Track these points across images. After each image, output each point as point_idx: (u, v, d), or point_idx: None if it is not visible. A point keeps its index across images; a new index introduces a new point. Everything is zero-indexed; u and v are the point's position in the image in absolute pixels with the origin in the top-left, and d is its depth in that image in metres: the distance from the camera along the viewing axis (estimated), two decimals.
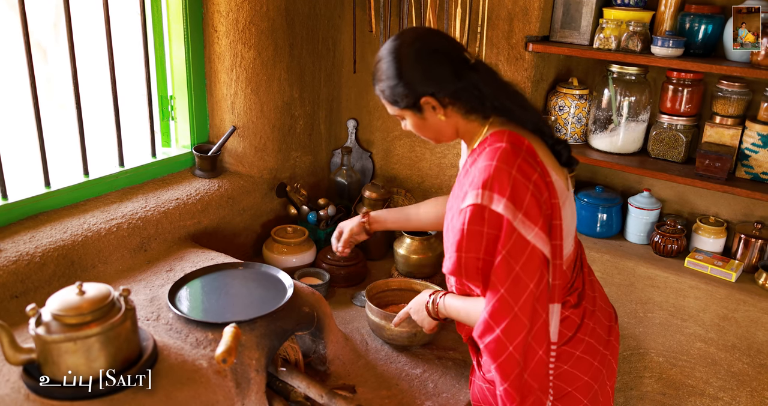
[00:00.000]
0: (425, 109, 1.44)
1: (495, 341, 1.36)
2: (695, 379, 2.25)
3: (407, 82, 1.40)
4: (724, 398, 2.21)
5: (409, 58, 1.40)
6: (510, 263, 1.33)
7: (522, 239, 1.33)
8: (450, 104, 1.43)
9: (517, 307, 1.34)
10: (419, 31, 1.47)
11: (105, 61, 2.07)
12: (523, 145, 1.40)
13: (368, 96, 2.70)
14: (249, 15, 2.24)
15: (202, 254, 2.04)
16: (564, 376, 1.50)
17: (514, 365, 1.36)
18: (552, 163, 1.45)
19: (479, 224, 1.35)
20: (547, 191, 1.38)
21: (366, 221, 1.96)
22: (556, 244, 1.40)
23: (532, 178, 1.36)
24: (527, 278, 1.33)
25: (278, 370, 1.73)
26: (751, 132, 2.15)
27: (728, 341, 2.18)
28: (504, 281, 1.34)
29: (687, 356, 2.26)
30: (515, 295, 1.33)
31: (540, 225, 1.34)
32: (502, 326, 1.34)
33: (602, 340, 1.56)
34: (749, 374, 2.15)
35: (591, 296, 1.58)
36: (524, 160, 1.37)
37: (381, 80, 1.45)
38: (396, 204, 2.73)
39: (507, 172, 1.34)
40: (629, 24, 2.17)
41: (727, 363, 2.19)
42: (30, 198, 1.93)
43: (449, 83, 1.39)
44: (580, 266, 1.58)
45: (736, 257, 2.27)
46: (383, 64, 1.43)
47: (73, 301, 1.29)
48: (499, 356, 1.36)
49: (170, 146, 2.43)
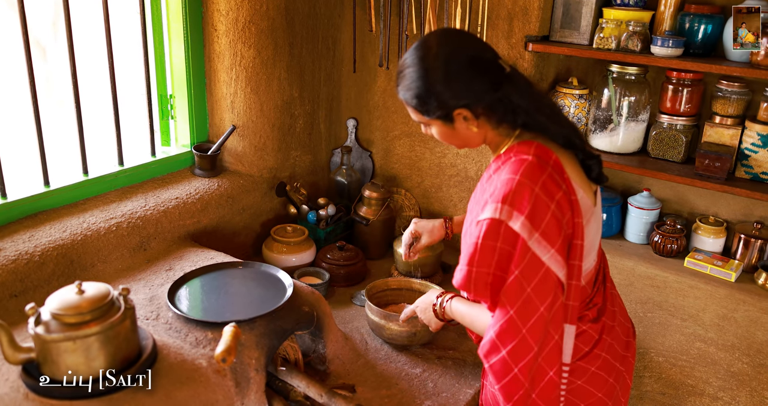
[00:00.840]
0: (456, 120, 1.38)
1: (500, 362, 1.33)
2: (695, 379, 2.25)
3: (439, 94, 1.33)
4: (724, 398, 2.21)
5: (441, 69, 1.32)
6: (522, 284, 1.30)
7: (536, 260, 1.29)
8: (483, 115, 1.37)
9: (525, 329, 1.30)
10: (448, 37, 1.38)
11: (104, 59, 2.07)
12: (551, 160, 1.34)
13: (368, 95, 2.70)
14: (249, 14, 2.23)
15: (202, 253, 2.04)
16: (577, 391, 1.46)
17: (518, 386, 1.33)
18: (579, 179, 1.40)
19: (494, 239, 1.31)
20: (570, 211, 1.33)
21: (449, 226, 1.87)
22: (575, 264, 1.35)
23: (556, 197, 1.30)
24: (538, 300, 1.30)
25: (278, 369, 1.73)
26: (750, 132, 2.15)
27: (728, 341, 2.18)
28: (514, 302, 1.30)
29: (687, 356, 2.26)
30: (524, 317, 1.30)
31: (557, 247, 1.30)
32: (509, 348, 1.32)
33: (618, 356, 1.52)
34: (749, 373, 2.15)
35: (611, 310, 1.53)
36: (549, 177, 1.31)
37: (409, 89, 1.37)
38: (396, 203, 2.73)
39: (530, 188, 1.29)
40: (629, 24, 2.17)
41: (726, 363, 2.19)
42: (29, 197, 1.92)
43: (486, 95, 1.34)
44: (602, 280, 1.53)
45: (736, 257, 2.27)
46: (411, 72, 1.36)
47: (73, 300, 1.29)
48: (503, 378, 1.34)
49: (170, 145, 2.43)
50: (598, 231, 1.48)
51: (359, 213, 2.56)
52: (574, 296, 1.36)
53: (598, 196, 1.47)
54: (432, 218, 2.64)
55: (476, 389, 1.83)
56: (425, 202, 2.71)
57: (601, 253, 1.56)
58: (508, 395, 1.35)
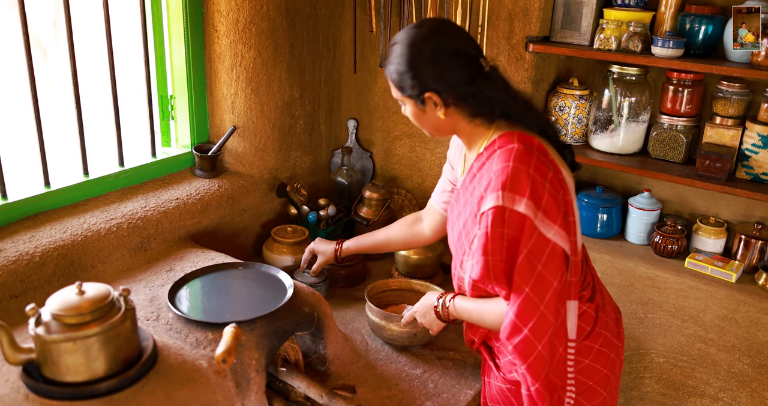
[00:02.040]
0: (427, 104, 1.44)
1: (523, 342, 1.36)
2: (695, 379, 2.25)
3: (417, 74, 1.41)
4: (725, 399, 2.21)
5: (425, 52, 1.39)
6: (532, 262, 1.34)
7: (543, 238, 1.34)
8: (453, 105, 1.44)
9: (542, 305, 1.34)
10: (442, 25, 1.45)
11: (105, 60, 2.07)
12: (534, 145, 1.41)
13: (369, 96, 2.70)
14: (249, 15, 2.23)
15: (202, 253, 2.04)
16: (586, 370, 1.52)
17: (543, 364, 1.37)
18: (561, 162, 1.48)
19: (500, 226, 1.35)
20: (561, 189, 1.40)
21: (338, 249, 2.06)
22: (573, 240, 1.41)
23: (548, 176, 1.37)
24: (550, 276, 1.34)
25: (278, 370, 1.73)
26: (751, 133, 2.15)
27: (728, 342, 2.17)
28: (528, 281, 1.34)
29: (687, 357, 2.25)
30: (540, 294, 1.34)
31: (559, 223, 1.36)
32: (530, 326, 1.35)
33: (614, 332, 1.59)
34: (749, 374, 2.15)
35: (600, 289, 1.61)
36: (539, 160, 1.38)
37: (391, 63, 1.46)
38: (396, 204, 2.73)
39: (525, 171, 1.35)
40: (629, 24, 2.17)
41: (727, 364, 2.19)
42: (30, 198, 1.92)
43: (459, 87, 1.41)
44: (586, 260, 1.60)
45: (737, 258, 2.27)
46: (398, 49, 1.43)
47: (73, 301, 1.29)
48: (528, 356, 1.36)
49: (170, 146, 2.43)
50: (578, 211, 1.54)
51: (360, 214, 2.56)
52: (574, 272, 1.42)
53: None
54: None
55: (477, 390, 1.83)
56: (426, 202, 2.70)
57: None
58: (535, 374, 1.37)
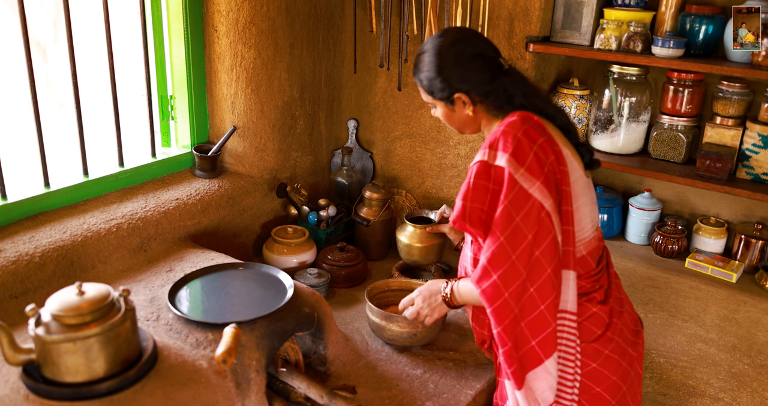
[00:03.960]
0: (456, 103, 1.58)
1: (492, 286, 1.44)
2: (696, 380, 2.25)
3: (445, 78, 1.55)
4: (725, 399, 2.21)
5: (450, 58, 1.55)
6: (511, 212, 1.41)
7: (523, 191, 1.41)
8: (479, 102, 1.57)
9: (514, 255, 1.41)
10: (462, 33, 1.60)
11: (105, 60, 2.07)
12: (532, 120, 1.50)
13: (369, 96, 2.70)
14: (249, 15, 2.23)
15: (202, 254, 2.04)
16: (592, 374, 1.53)
17: (508, 310, 1.44)
18: (565, 144, 1.54)
19: (485, 179, 1.46)
20: (553, 155, 1.46)
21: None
22: (568, 210, 1.46)
23: (538, 141, 1.45)
24: (526, 228, 1.41)
25: (278, 370, 1.73)
26: (751, 133, 2.14)
27: (729, 342, 2.17)
28: (504, 230, 1.42)
29: (687, 357, 2.25)
30: (514, 243, 1.41)
31: (541, 181, 1.42)
32: (499, 273, 1.42)
33: (629, 341, 1.60)
34: (750, 374, 2.15)
35: (617, 297, 1.62)
36: (531, 127, 1.47)
37: (421, 71, 1.60)
38: (397, 204, 2.73)
39: (512, 134, 1.45)
40: (630, 24, 2.17)
41: (727, 364, 2.19)
42: (29, 198, 1.92)
43: (483, 85, 1.54)
44: (606, 265, 1.64)
45: (737, 258, 2.27)
46: (426, 57, 1.58)
47: (73, 301, 1.29)
48: (495, 301, 1.44)
49: (170, 146, 2.43)
50: (592, 203, 1.58)
51: (360, 214, 2.56)
52: (571, 241, 1.48)
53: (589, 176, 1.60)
54: None
55: (477, 391, 1.83)
56: (426, 203, 2.70)
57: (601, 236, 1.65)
58: (499, 318, 1.45)
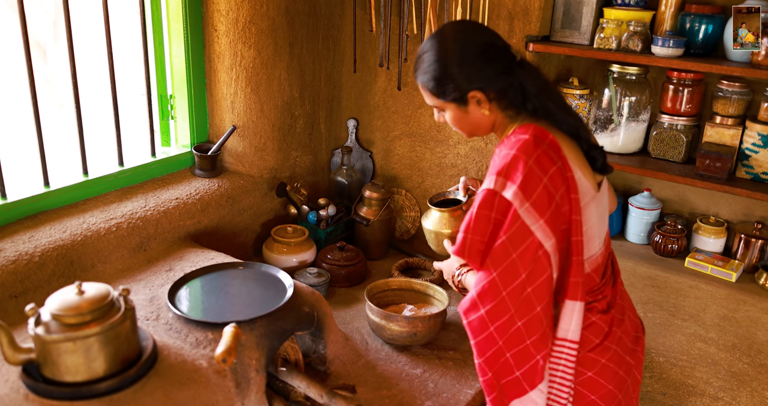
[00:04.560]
0: (470, 103, 1.45)
1: (478, 320, 1.41)
2: (695, 379, 2.25)
3: (455, 75, 1.42)
4: (725, 398, 2.21)
5: (456, 53, 1.41)
6: (508, 248, 1.36)
7: (525, 228, 1.35)
8: (495, 100, 1.45)
9: (505, 292, 1.37)
10: (462, 24, 1.49)
11: (104, 60, 2.07)
12: (547, 139, 1.41)
13: (368, 95, 2.70)
14: (249, 14, 2.23)
15: (202, 253, 2.04)
16: (587, 383, 1.50)
17: (491, 343, 1.42)
18: (579, 163, 1.45)
19: (488, 209, 1.39)
20: (564, 186, 1.38)
21: None
22: (577, 240, 1.40)
23: (549, 171, 1.37)
24: (522, 266, 1.36)
25: (278, 370, 1.73)
26: (751, 132, 2.14)
27: (728, 341, 2.17)
28: (498, 265, 1.37)
29: (687, 356, 2.25)
30: (506, 280, 1.37)
31: (546, 218, 1.36)
32: (487, 308, 1.39)
33: (628, 349, 1.56)
34: (749, 374, 2.15)
35: (620, 305, 1.58)
36: (544, 152, 1.38)
37: (425, 73, 1.46)
38: (396, 203, 2.73)
39: (524, 161, 1.36)
40: (629, 24, 2.17)
41: (727, 363, 2.19)
42: (29, 198, 1.92)
43: (499, 79, 1.42)
44: (612, 274, 1.58)
45: (737, 257, 2.27)
46: (429, 56, 1.44)
47: (73, 301, 1.29)
48: (479, 334, 1.42)
49: (170, 146, 2.43)
50: (602, 220, 1.51)
51: (360, 213, 2.56)
52: (575, 272, 1.41)
53: (603, 187, 1.52)
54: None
55: (477, 390, 1.83)
56: (426, 202, 2.70)
57: (608, 246, 1.60)
58: (481, 350, 1.44)
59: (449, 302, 2.05)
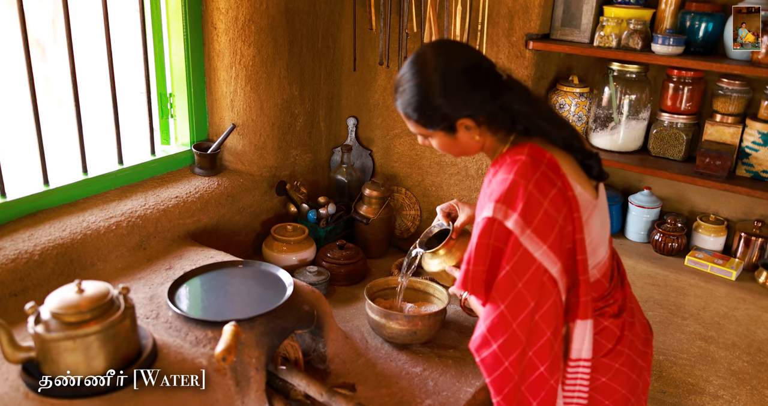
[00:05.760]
0: (459, 130, 1.39)
1: (491, 357, 1.36)
2: (695, 377, 2.25)
3: (440, 107, 1.35)
4: (724, 397, 2.21)
5: (439, 82, 1.34)
6: (513, 279, 1.32)
7: (528, 256, 1.32)
8: (485, 123, 1.40)
9: (515, 324, 1.33)
10: (446, 47, 1.40)
11: (104, 58, 2.06)
12: (544, 158, 1.36)
13: (368, 94, 2.70)
14: (248, 12, 2.23)
15: (202, 252, 2.04)
16: (602, 389, 1.48)
17: (508, 379, 1.37)
18: (577, 176, 1.41)
19: (487, 237, 1.34)
20: (566, 207, 1.35)
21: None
22: (583, 259, 1.37)
23: (549, 194, 1.33)
24: (528, 295, 1.32)
25: (278, 368, 1.73)
26: (751, 130, 2.14)
27: (728, 340, 2.17)
28: (505, 298, 1.33)
29: (687, 355, 2.26)
30: (515, 312, 1.33)
31: (549, 243, 1.32)
32: (499, 342, 1.34)
33: (639, 352, 1.54)
34: (749, 372, 2.15)
35: (630, 307, 1.56)
36: (543, 175, 1.34)
37: (409, 104, 1.38)
38: (396, 202, 2.72)
39: (523, 186, 1.32)
40: (630, 22, 2.17)
41: (727, 361, 2.19)
42: (29, 196, 1.92)
43: (486, 104, 1.36)
44: (618, 275, 1.57)
45: (737, 256, 2.27)
46: (410, 87, 1.37)
47: (72, 299, 1.29)
48: (494, 371, 1.37)
49: (169, 144, 2.43)
50: (604, 224, 1.49)
51: (359, 212, 2.55)
52: (584, 292, 1.39)
53: (600, 190, 1.49)
54: (431, 217, 2.64)
55: (476, 388, 1.83)
56: (425, 200, 2.70)
57: (613, 251, 1.58)
58: (498, 388, 1.38)
59: (449, 300, 2.05)
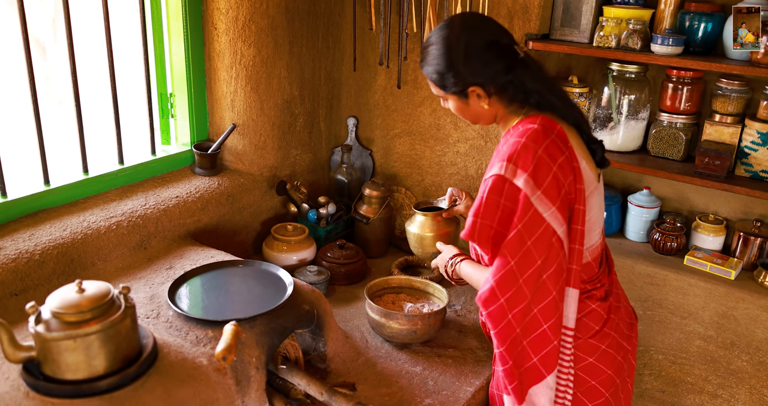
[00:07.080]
0: (470, 97, 1.51)
1: (498, 309, 1.45)
2: (694, 376, 2.26)
3: (457, 72, 1.47)
4: (723, 396, 2.21)
5: (461, 50, 1.45)
6: (523, 237, 1.40)
7: (538, 216, 1.39)
8: (495, 94, 1.49)
9: (522, 279, 1.41)
10: (470, 20, 1.51)
11: (104, 58, 2.07)
12: (555, 129, 1.45)
13: (368, 94, 2.70)
14: (249, 12, 2.23)
15: (202, 251, 2.04)
16: (588, 369, 1.55)
17: (510, 331, 1.46)
18: (584, 153, 1.50)
19: (498, 194, 1.42)
20: (572, 175, 1.43)
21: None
22: (578, 228, 1.45)
23: (558, 160, 1.41)
24: (537, 253, 1.40)
25: (278, 368, 1.73)
26: (750, 130, 2.15)
27: (727, 339, 2.18)
28: (515, 254, 1.41)
29: (686, 354, 2.26)
30: (523, 268, 1.41)
31: (557, 205, 1.40)
32: (507, 296, 1.43)
33: (624, 335, 1.62)
34: (748, 371, 2.16)
35: (616, 293, 1.64)
36: (552, 142, 1.42)
37: (430, 65, 1.51)
38: (396, 202, 2.73)
39: (533, 149, 1.40)
40: (629, 22, 2.17)
41: (726, 361, 2.19)
42: (29, 196, 1.92)
43: (498, 76, 1.46)
44: (607, 262, 1.64)
45: (736, 255, 2.28)
46: (434, 49, 1.49)
47: (73, 299, 1.29)
48: (499, 323, 1.46)
49: (170, 144, 2.43)
50: (600, 210, 1.57)
51: (359, 211, 2.56)
52: (576, 260, 1.46)
53: (600, 178, 1.58)
54: None
55: (476, 387, 1.84)
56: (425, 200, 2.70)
57: (604, 239, 1.65)
58: (502, 339, 1.47)
59: (449, 299, 2.06)
